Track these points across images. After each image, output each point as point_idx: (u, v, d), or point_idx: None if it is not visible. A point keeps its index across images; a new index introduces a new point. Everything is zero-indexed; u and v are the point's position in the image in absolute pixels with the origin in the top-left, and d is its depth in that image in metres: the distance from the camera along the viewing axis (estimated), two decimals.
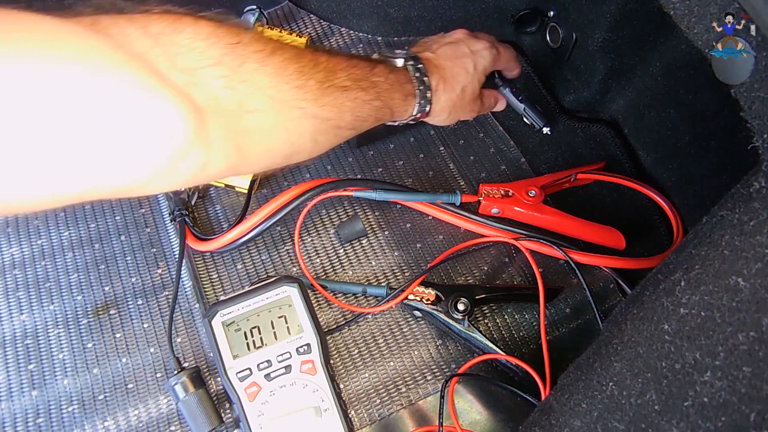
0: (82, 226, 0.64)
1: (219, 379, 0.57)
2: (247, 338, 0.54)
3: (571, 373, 0.44)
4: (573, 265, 0.61)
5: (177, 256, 0.62)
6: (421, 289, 0.60)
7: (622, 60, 0.68)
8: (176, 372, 0.54)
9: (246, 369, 0.53)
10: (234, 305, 0.55)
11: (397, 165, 0.71)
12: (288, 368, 0.53)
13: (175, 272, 0.60)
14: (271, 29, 0.74)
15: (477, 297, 0.60)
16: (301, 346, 0.54)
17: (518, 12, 0.74)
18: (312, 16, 0.81)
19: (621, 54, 0.67)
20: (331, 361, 0.57)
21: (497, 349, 0.58)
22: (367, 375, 0.59)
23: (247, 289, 0.57)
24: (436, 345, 0.60)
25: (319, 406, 0.52)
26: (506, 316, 0.62)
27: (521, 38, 0.77)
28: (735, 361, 0.32)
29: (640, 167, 0.70)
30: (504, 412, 0.57)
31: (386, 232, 0.66)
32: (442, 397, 0.56)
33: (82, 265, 0.62)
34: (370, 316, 0.62)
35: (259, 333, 0.55)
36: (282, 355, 0.54)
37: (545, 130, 0.71)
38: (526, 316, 0.62)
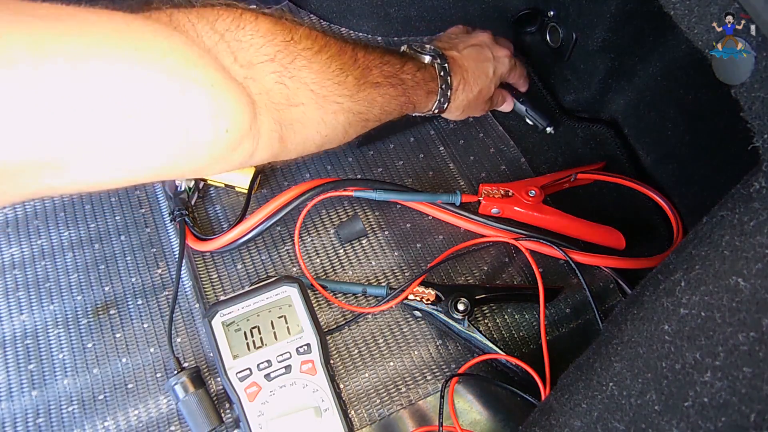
0: (82, 226, 0.64)
1: (219, 379, 0.57)
2: (247, 338, 0.54)
3: (571, 373, 0.44)
4: (573, 265, 0.61)
5: (177, 256, 0.62)
6: (421, 289, 0.60)
7: (622, 60, 0.68)
8: (176, 372, 0.54)
9: (246, 369, 0.53)
10: (234, 305, 0.55)
11: (397, 165, 0.71)
12: (288, 368, 0.54)
13: (175, 272, 0.60)
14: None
15: (477, 297, 0.60)
16: (301, 346, 0.54)
17: (518, 12, 0.74)
18: (312, 16, 0.81)
19: (621, 54, 0.67)
20: (331, 361, 0.57)
21: (497, 349, 0.58)
22: (367, 375, 0.59)
23: (247, 289, 0.57)
24: (436, 345, 0.60)
25: (319, 406, 0.52)
26: (506, 316, 0.62)
27: (521, 38, 0.77)
28: (735, 362, 0.32)
29: (640, 167, 0.70)
30: (504, 412, 0.57)
31: (386, 232, 0.66)
32: (442, 397, 0.56)
33: (82, 265, 0.62)
34: (370, 316, 0.62)
35: (259, 333, 0.55)
36: (282, 355, 0.54)
37: (548, 129, 0.72)
38: (526, 316, 0.62)
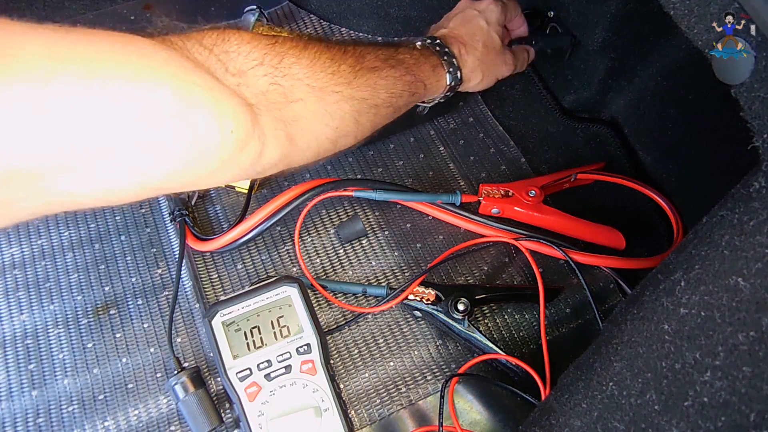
0: (82, 226, 0.64)
1: (219, 379, 0.57)
2: (247, 338, 0.54)
3: (571, 373, 0.44)
4: (573, 265, 0.61)
5: (177, 256, 0.62)
6: (421, 289, 0.60)
7: (622, 60, 0.68)
8: (176, 372, 0.54)
9: (246, 369, 0.53)
10: (234, 305, 0.55)
11: (397, 165, 0.71)
12: (288, 368, 0.53)
13: (175, 272, 0.60)
14: (271, 29, 0.74)
15: (477, 297, 0.60)
16: (301, 346, 0.54)
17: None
18: (312, 16, 0.81)
19: (621, 54, 0.67)
20: (331, 361, 0.57)
21: (497, 349, 0.58)
22: (367, 375, 0.59)
23: (247, 289, 0.57)
24: (436, 345, 0.60)
25: (319, 406, 0.52)
26: (506, 316, 0.62)
27: (533, 40, 0.77)
28: (735, 361, 0.32)
29: (640, 167, 0.70)
30: (504, 412, 0.57)
31: (386, 232, 0.66)
32: (442, 397, 0.56)
33: (82, 265, 0.62)
34: (370, 316, 0.62)
35: (259, 333, 0.55)
36: (282, 355, 0.54)
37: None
38: (526, 316, 0.62)
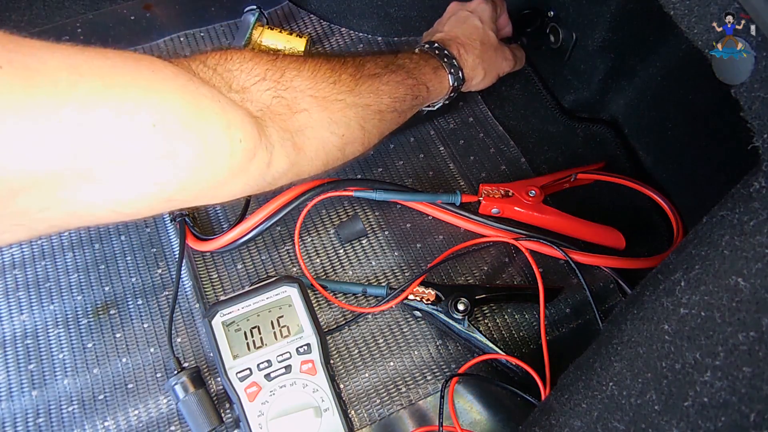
0: (83, 226, 0.64)
1: (219, 379, 0.57)
2: (247, 338, 0.54)
3: (571, 373, 0.44)
4: (573, 265, 0.61)
5: (177, 256, 0.62)
6: (421, 289, 0.60)
7: (622, 60, 0.68)
8: (176, 372, 0.54)
9: (246, 369, 0.53)
10: (234, 305, 0.55)
11: (397, 165, 0.71)
12: (288, 368, 0.54)
13: (175, 272, 0.60)
14: (271, 29, 0.74)
15: (477, 297, 0.60)
16: (301, 346, 0.54)
17: (518, 12, 0.74)
18: (312, 16, 0.81)
19: (621, 54, 0.67)
20: (331, 361, 0.57)
21: (497, 349, 0.58)
22: (367, 375, 0.59)
23: (247, 289, 0.57)
24: (436, 345, 0.60)
25: (319, 406, 0.53)
26: (506, 316, 0.62)
27: (521, 38, 0.77)
28: (735, 361, 0.32)
29: (640, 167, 0.70)
30: (504, 412, 0.57)
31: (386, 232, 0.66)
32: (442, 397, 0.56)
33: (82, 265, 0.62)
34: (370, 316, 0.62)
35: (259, 333, 0.55)
36: (282, 355, 0.54)
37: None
38: (526, 316, 0.62)
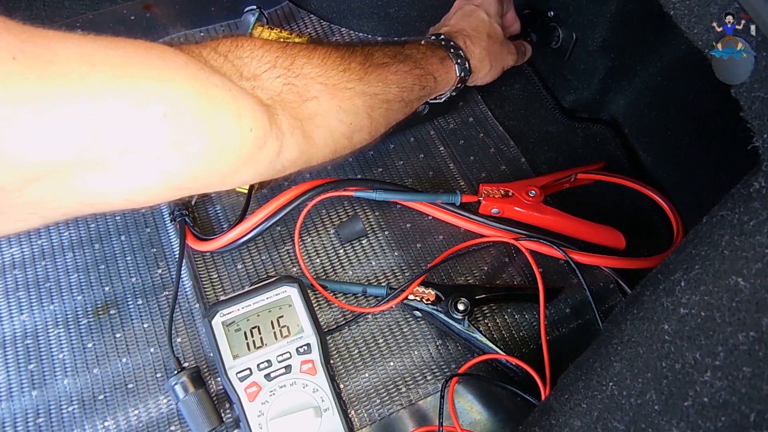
0: (82, 226, 0.64)
1: (219, 379, 0.57)
2: (247, 338, 0.54)
3: (571, 373, 0.44)
4: (573, 265, 0.61)
5: (177, 256, 0.62)
6: (421, 289, 0.60)
7: (622, 60, 0.68)
8: (176, 372, 0.54)
9: (246, 369, 0.53)
10: (234, 305, 0.55)
11: (397, 165, 0.71)
12: (288, 368, 0.54)
13: (175, 272, 0.60)
14: (271, 29, 0.74)
15: (477, 297, 0.60)
16: (301, 346, 0.54)
17: (518, 12, 0.74)
18: (312, 16, 0.81)
19: (621, 54, 0.67)
20: (331, 361, 0.57)
21: (497, 349, 0.58)
22: (367, 375, 0.59)
23: (247, 289, 0.57)
24: (436, 345, 0.60)
25: (319, 406, 0.53)
26: (506, 316, 0.62)
27: (531, 35, 0.77)
28: (735, 361, 0.32)
29: (640, 167, 0.70)
30: (504, 412, 0.57)
31: (386, 232, 0.66)
32: (442, 397, 0.56)
33: (82, 265, 0.62)
34: (370, 316, 0.62)
35: (259, 333, 0.55)
36: (282, 355, 0.54)
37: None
38: (526, 316, 0.62)
